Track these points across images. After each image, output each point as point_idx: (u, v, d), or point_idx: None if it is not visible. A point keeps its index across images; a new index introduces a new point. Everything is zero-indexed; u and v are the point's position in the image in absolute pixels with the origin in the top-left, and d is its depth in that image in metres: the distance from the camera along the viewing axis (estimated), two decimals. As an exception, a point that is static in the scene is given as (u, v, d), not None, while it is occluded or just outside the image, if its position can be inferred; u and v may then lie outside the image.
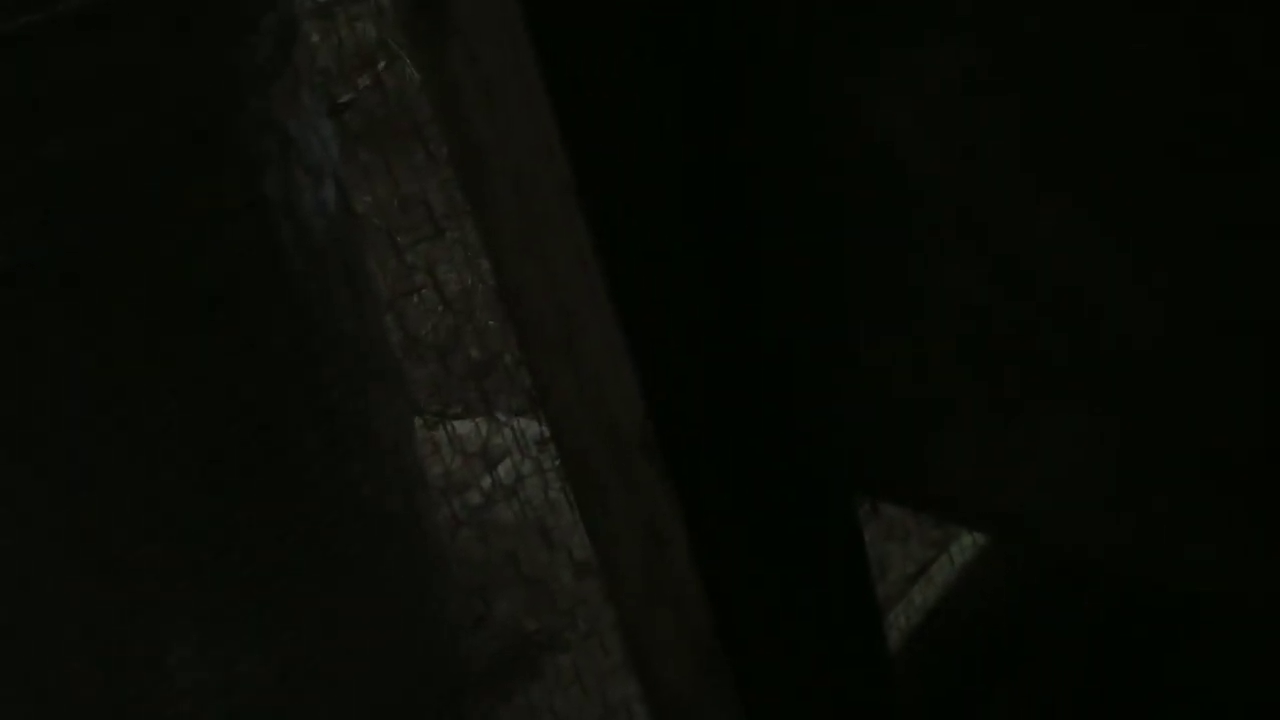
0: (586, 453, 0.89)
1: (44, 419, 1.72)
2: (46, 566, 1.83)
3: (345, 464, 1.97)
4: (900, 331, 0.75)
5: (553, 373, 0.86)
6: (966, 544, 1.48)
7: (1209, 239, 0.56)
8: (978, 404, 0.75)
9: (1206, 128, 0.52)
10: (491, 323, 3.36)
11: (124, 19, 1.61)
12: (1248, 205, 0.53)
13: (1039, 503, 0.77)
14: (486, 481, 2.57)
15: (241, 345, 1.79)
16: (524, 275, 0.80)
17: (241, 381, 1.79)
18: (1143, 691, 1.37)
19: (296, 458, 1.88)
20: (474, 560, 2.42)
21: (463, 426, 2.87)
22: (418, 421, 2.90)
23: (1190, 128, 0.53)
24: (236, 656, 1.93)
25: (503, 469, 2.62)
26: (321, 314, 1.86)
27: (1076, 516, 0.75)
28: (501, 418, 2.81)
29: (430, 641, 2.24)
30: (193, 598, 1.89)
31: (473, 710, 2.13)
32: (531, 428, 2.72)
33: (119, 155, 1.65)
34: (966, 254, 0.67)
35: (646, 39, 0.71)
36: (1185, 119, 0.53)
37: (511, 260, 0.80)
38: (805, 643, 0.99)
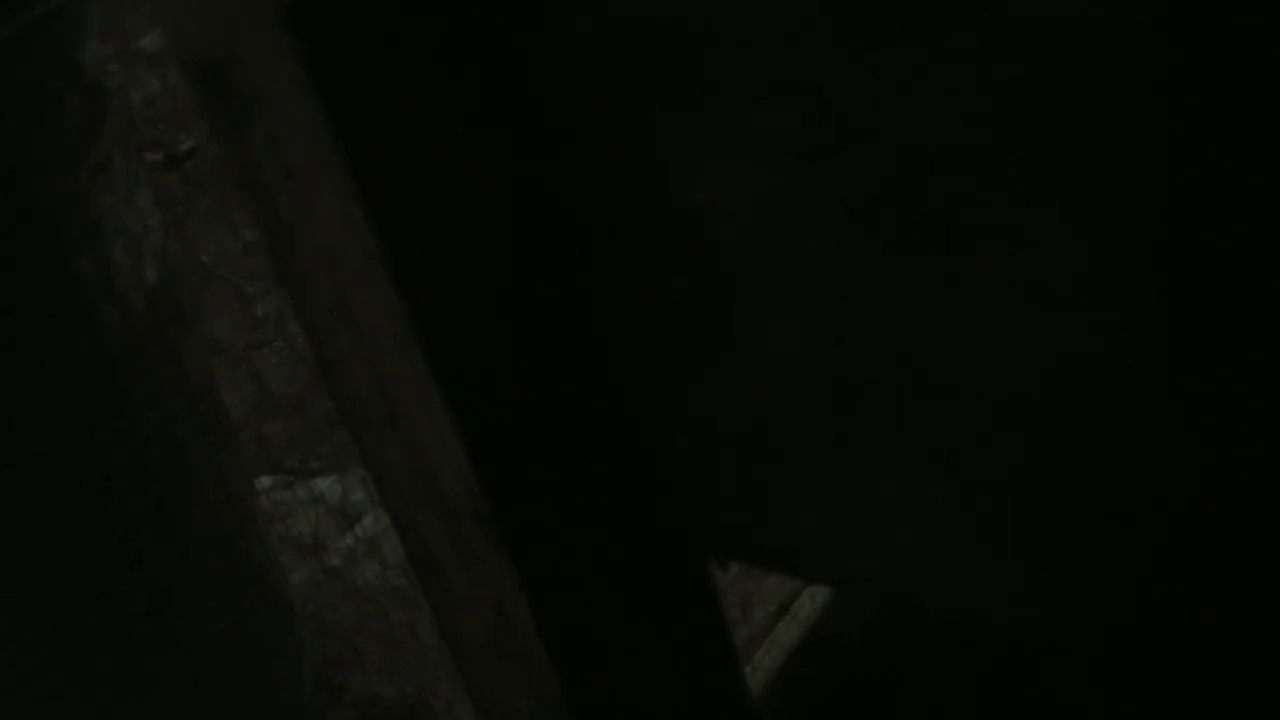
0: (422, 531, 0.87)
1: None
2: None
3: (177, 541, 1.90)
4: (737, 393, 0.75)
5: (379, 449, 0.83)
6: (827, 580, 1.48)
7: (1023, 300, 0.56)
8: (813, 463, 0.75)
9: (1016, 191, 0.53)
10: (348, 373, 3.27)
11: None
12: (1056, 271, 0.54)
13: (877, 559, 0.77)
14: (347, 540, 2.49)
15: (66, 431, 1.71)
16: (341, 352, 0.77)
17: (64, 460, 1.71)
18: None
19: (122, 534, 1.81)
20: (333, 625, 2.34)
21: (322, 484, 2.79)
22: (274, 480, 2.81)
23: (998, 190, 0.54)
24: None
25: (363, 526, 2.55)
26: (144, 391, 1.80)
27: (914, 572, 0.75)
28: (361, 472, 2.74)
29: (289, 715, 2.16)
30: (15, 683, 1.79)
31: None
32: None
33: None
34: (794, 317, 0.67)
35: (458, 115, 0.69)
36: (998, 184, 0.54)
37: (328, 337, 0.77)
38: (667, 710, 0.98)
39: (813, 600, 1.66)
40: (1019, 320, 0.56)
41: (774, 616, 1.89)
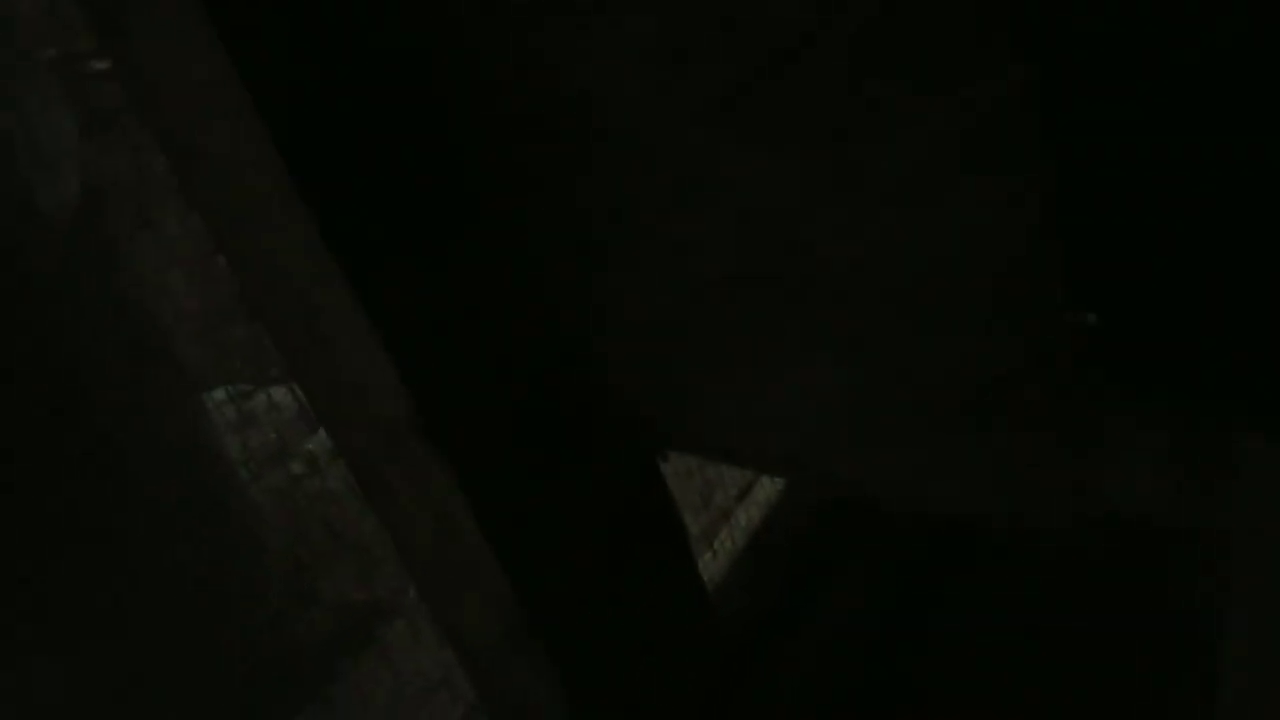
0: (360, 443, 0.87)
1: None
2: None
3: (125, 473, 1.88)
4: (650, 287, 0.74)
5: (309, 369, 0.82)
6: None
7: (908, 185, 0.56)
8: (726, 353, 0.75)
9: (888, 75, 0.52)
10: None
11: None
12: (931, 152, 0.53)
13: (795, 443, 0.78)
14: (310, 447, 2.49)
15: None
16: (258, 275, 0.76)
17: None
18: (948, 604, 1.43)
19: (62, 451, 1.79)
20: (298, 534, 2.35)
21: (281, 391, 2.78)
22: (231, 391, 2.79)
23: (865, 77, 0.53)
24: (30, 666, 1.84)
25: (324, 432, 2.55)
26: (69, 305, 1.76)
27: (836, 454, 0.76)
28: (299, 389, 2.72)
29: (256, 624, 2.18)
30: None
31: (308, 690, 2.09)
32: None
33: None
34: (696, 210, 0.66)
35: (345, 21, 0.67)
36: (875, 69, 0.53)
37: (242, 260, 0.76)
38: (613, 595, 1.00)
39: (772, 483, 1.68)
40: (903, 202, 0.56)
41: (734, 500, 1.91)
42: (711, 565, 1.45)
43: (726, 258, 0.67)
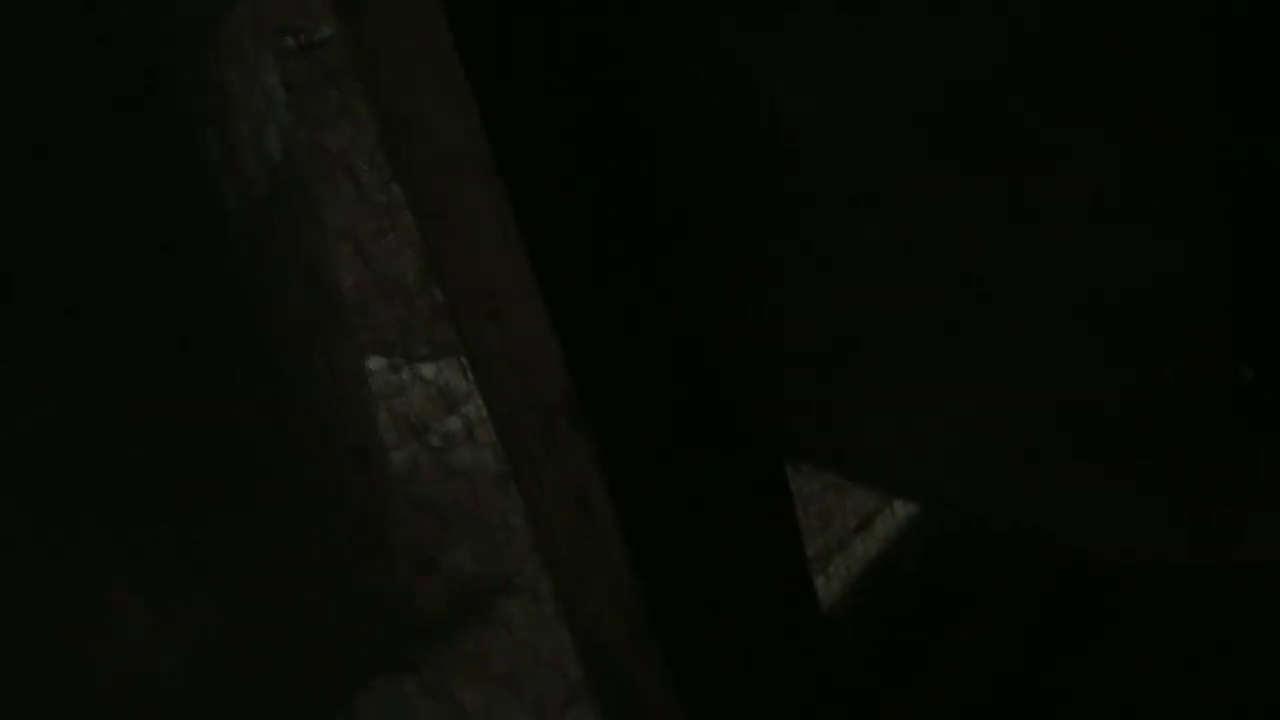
0: (516, 420, 0.91)
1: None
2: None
3: (289, 407, 1.99)
4: (812, 301, 0.77)
5: (481, 343, 0.87)
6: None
7: (1085, 218, 0.58)
8: (880, 373, 0.77)
9: (1069, 113, 0.54)
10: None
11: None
12: (1118, 192, 0.55)
13: (940, 471, 0.79)
14: (448, 424, 2.59)
15: (185, 295, 1.80)
16: (449, 247, 0.82)
17: (184, 331, 1.80)
18: (1075, 659, 1.40)
19: (235, 401, 1.89)
20: (430, 504, 2.45)
21: (430, 369, 2.88)
22: (384, 363, 2.91)
23: (1051, 111, 0.55)
24: (178, 602, 1.95)
25: (465, 412, 2.64)
26: (262, 262, 1.87)
27: (980, 485, 0.77)
28: (464, 360, 2.82)
29: (380, 588, 2.28)
30: (134, 541, 1.91)
31: (422, 656, 2.18)
32: (495, 372, 2.71)
33: (56, 108, 1.64)
34: (868, 233, 0.69)
35: (563, 22, 0.72)
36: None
37: (437, 232, 0.81)
38: (736, 606, 1.02)
39: (894, 516, 1.68)
40: (1079, 237, 0.58)
41: (853, 532, 1.92)
42: (823, 590, 1.45)
43: (894, 282, 0.70)
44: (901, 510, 1.57)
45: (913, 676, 1.30)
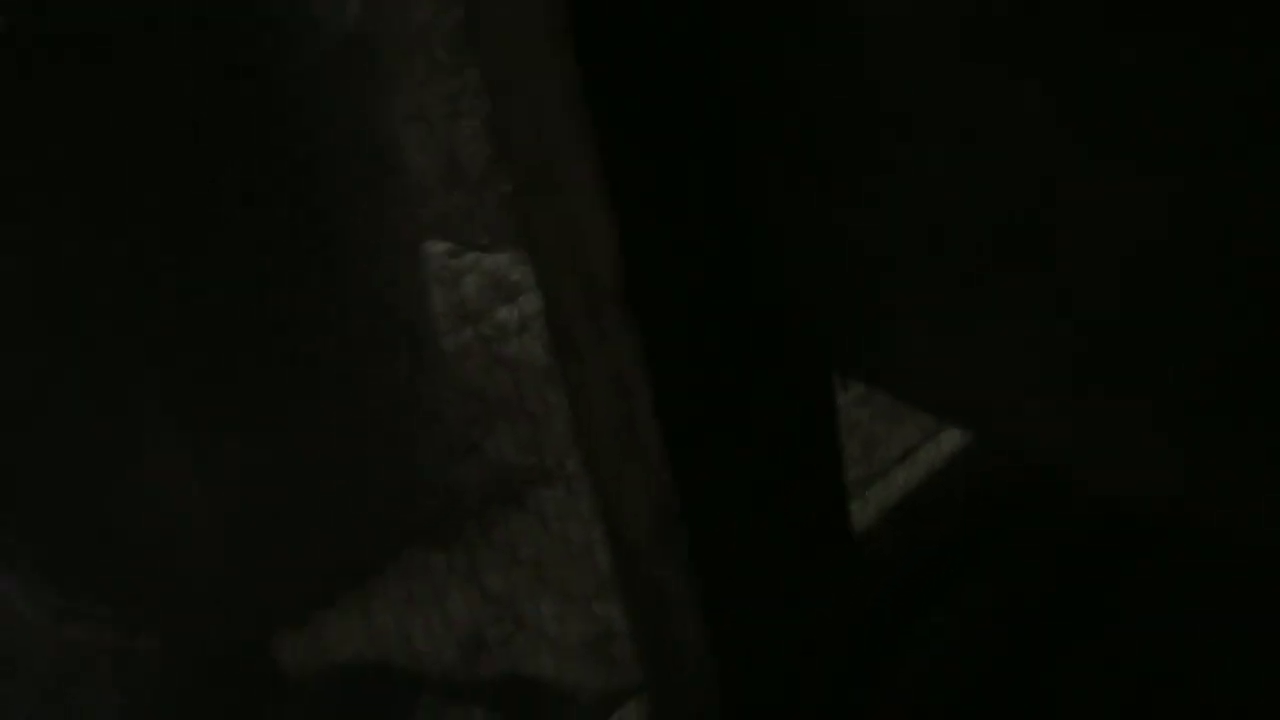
0: (564, 298, 0.91)
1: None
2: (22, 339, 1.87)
3: (344, 277, 2.00)
4: (870, 212, 0.75)
5: (537, 215, 0.86)
6: (957, 434, 1.50)
7: (1170, 137, 0.55)
8: (939, 291, 0.75)
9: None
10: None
11: None
12: (1206, 105, 0.52)
13: (996, 398, 0.78)
14: (502, 315, 2.60)
15: (247, 153, 1.81)
16: (513, 113, 0.80)
17: (246, 187, 1.81)
18: (1105, 601, 1.40)
19: (292, 263, 1.91)
20: (477, 391, 2.48)
21: (489, 259, 2.89)
22: (444, 248, 2.92)
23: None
24: (217, 448, 2.00)
25: (521, 304, 2.65)
26: (330, 132, 1.87)
27: (1032, 417, 0.76)
28: (524, 242, 2.82)
29: (420, 465, 2.32)
30: (181, 385, 1.95)
31: (454, 537, 2.22)
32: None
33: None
34: (934, 142, 0.67)
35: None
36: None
37: (503, 96, 0.80)
38: (766, 512, 1.02)
39: (938, 448, 1.67)
40: (1160, 169, 0.55)
41: (895, 461, 1.91)
42: (858, 514, 1.45)
43: (957, 197, 0.68)
44: (948, 444, 1.56)
45: (934, 607, 1.30)
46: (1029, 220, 0.65)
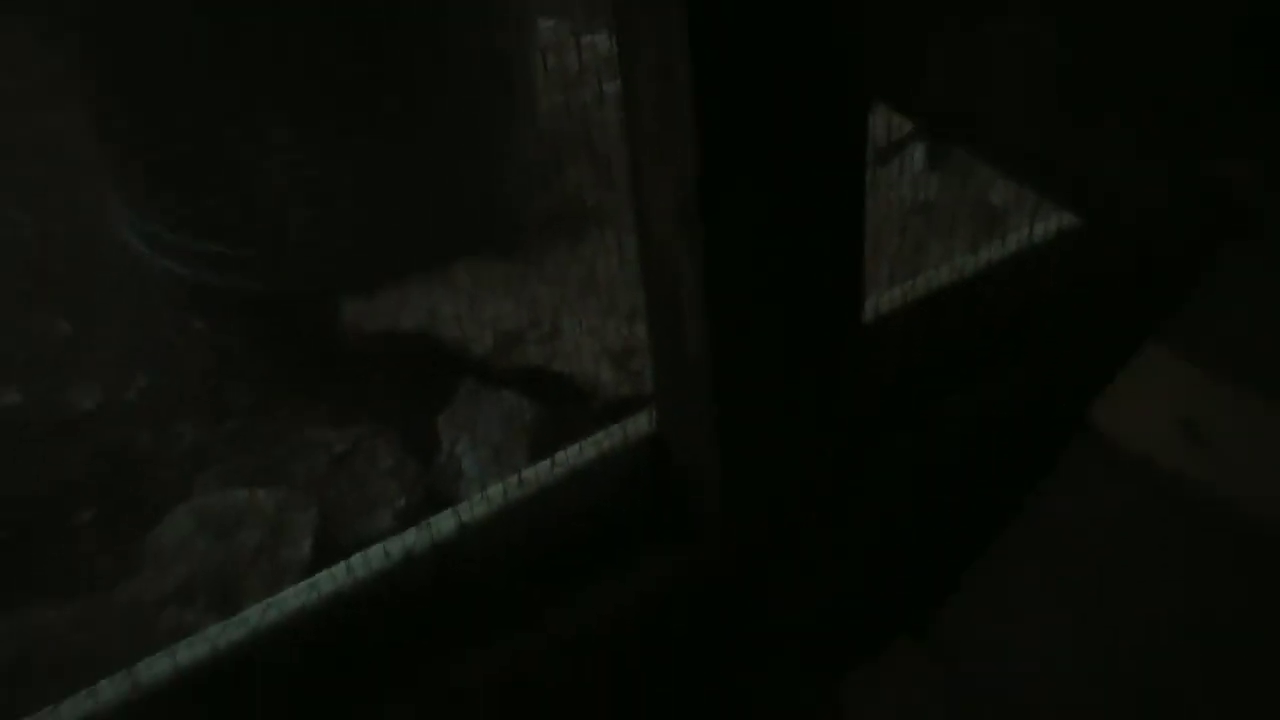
0: (641, 99, 0.99)
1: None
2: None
3: (457, 36, 2.17)
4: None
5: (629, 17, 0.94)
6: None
7: None
8: (952, 13, 0.83)
9: None
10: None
11: None
12: None
13: (995, 105, 0.84)
14: (594, 86, 2.69)
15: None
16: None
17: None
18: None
19: (403, 15, 2.06)
20: (560, 137, 2.61)
21: (598, 38, 2.97)
22: (551, 23, 3.01)
23: None
24: (323, 144, 2.18)
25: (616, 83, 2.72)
26: None
27: (1032, 123, 0.81)
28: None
29: (503, 187, 2.49)
30: (297, 93, 2.14)
31: (517, 251, 2.39)
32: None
33: None
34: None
35: None
36: None
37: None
38: (780, 236, 1.06)
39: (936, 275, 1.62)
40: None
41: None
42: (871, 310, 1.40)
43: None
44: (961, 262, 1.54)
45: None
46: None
